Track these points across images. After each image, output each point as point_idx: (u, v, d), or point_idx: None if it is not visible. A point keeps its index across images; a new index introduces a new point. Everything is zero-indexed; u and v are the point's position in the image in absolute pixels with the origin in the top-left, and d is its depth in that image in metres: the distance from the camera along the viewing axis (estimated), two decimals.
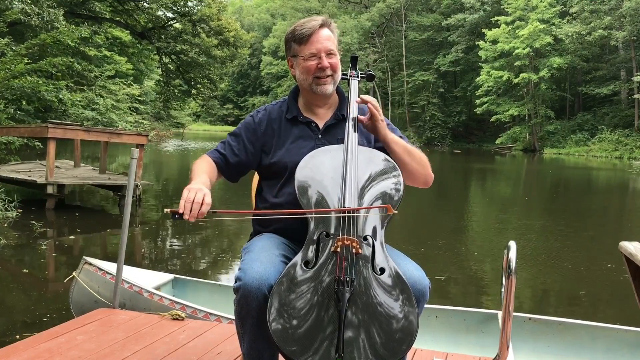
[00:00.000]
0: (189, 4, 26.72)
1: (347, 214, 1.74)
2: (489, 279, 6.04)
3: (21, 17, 15.05)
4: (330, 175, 1.84)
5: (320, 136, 2.02)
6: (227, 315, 2.91)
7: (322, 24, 1.97)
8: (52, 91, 15.35)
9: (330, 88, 2.00)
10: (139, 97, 31.69)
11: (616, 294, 5.66)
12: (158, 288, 3.36)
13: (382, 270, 1.69)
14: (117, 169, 15.40)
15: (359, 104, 2.02)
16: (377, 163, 1.91)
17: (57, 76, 17.90)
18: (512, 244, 2.08)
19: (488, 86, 41.20)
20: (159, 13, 27.48)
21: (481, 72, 41.60)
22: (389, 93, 51.16)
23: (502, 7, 41.37)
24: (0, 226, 7.40)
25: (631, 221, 11.20)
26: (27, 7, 14.58)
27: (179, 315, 2.86)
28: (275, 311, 1.62)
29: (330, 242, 1.71)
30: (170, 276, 3.63)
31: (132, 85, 29.28)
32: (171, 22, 28.42)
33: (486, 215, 11.61)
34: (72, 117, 18.94)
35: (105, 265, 3.29)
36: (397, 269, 1.69)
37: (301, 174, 1.85)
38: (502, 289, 2.11)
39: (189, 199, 1.70)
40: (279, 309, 1.63)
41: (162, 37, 27.30)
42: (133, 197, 5.34)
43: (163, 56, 29.10)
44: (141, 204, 9.87)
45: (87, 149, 18.75)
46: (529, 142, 40.51)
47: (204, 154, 2.08)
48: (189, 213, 1.68)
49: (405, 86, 49.80)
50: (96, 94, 22.92)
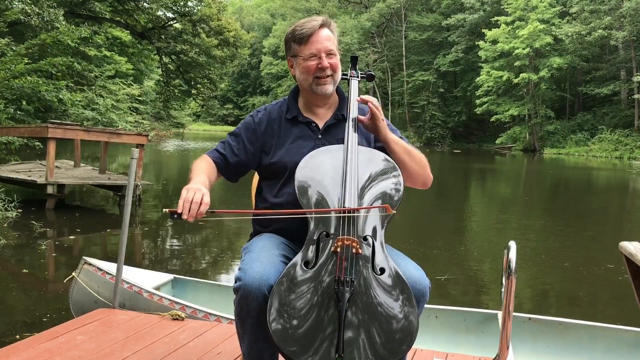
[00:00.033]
0: (189, 4, 26.71)
1: (345, 213, 1.74)
2: (488, 279, 6.04)
3: (21, 17, 15.05)
4: (330, 175, 1.84)
5: (320, 136, 2.02)
6: (226, 316, 2.91)
7: (322, 24, 1.97)
8: (52, 91, 15.34)
9: (330, 88, 2.01)
10: (139, 97, 31.69)
11: (616, 294, 5.66)
12: (158, 288, 3.36)
13: (382, 270, 1.69)
14: (117, 169, 15.40)
15: (359, 104, 2.02)
16: (377, 163, 1.91)
17: (57, 76, 17.90)
18: (512, 244, 2.08)
19: (488, 86, 41.20)
20: (159, 13, 27.47)
21: (481, 72, 41.60)
22: (389, 93, 51.17)
23: (502, 7, 41.37)
24: (0, 226, 7.40)
25: (631, 221, 11.20)
26: (27, 7, 14.57)
27: (178, 316, 2.86)
28: (275, 311, 1.62)
29: (330, 242, 1.71)
30: (170, 276, 3.63)
31: (132, 85, 29.28)
32: (171, 22, 28.41)
33: (486, 215, 11.61)
34: (72, 117, 18.94)
35: (104, 265, 3.29)
36: (397, 269, 1.69)
37: (301, 174, 1.85)
38: (502, 289, 2.11)
39: (188, 198, 1.70)
40: (279, 309, 1.63)
41: (162, 37, 27.30)
42: (133, 197, 5.34)
43: (163, 56, 29.10)
44: (141, 204, 9.87)
45: (87, 149, 18.75)
46: (529, 142, 40.52)
47: (204, 153, 2.08)
48: (188, 213, 1.68)
49: (405, 86, 49.80)
50: (96, 94, 22.92)
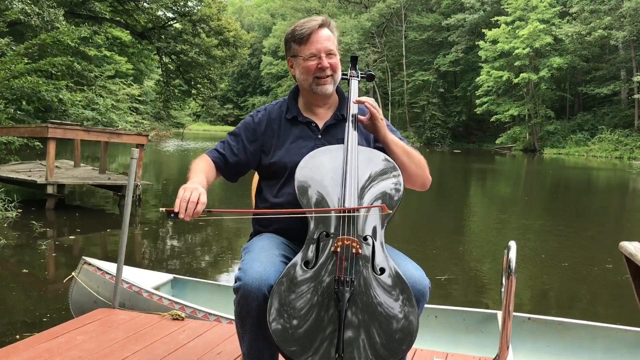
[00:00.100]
0: (189, 4, 26.71)
1: (340, 213, 1.74)
2: (488, 279, 6.04)
3: (21, 17, 15.04)
4: (330, 175, 1.84)
5: (320, 136, 2.02)
6: (226, 315, 2.91)
7: (321, 24, 1.97)
8: (52, 91, 15.34)
9: (330, 88, 2.01)
10: (139, 97, 31.70)
11: (616, 294, 5.66)
12: (157, 288, 3.36)
13: (382, 270, 1.69)
14: (117, 169, 15.40)
15: (359, 104, 2.02)
16: (377, 163, 1.91)
17: (57, 76, 17.90)
18: (512, 244, 2.08)
19: (488, 86, 41.21)
20: (159, 13, 27.47)
21: (481, 72, 41.61)
22: (389, 93, 51.17)
23: (502, 7, 41.38)
24: (0, 226, 7.40)
25: (631, 221, 11.20)
26: (27, 7, 14.57)
27: (178, 315, 2.86)
28: (275, 311, 1.62)
29: (330, 242, 1.71)
30: (170, 276, 3.62)
31: (132, 85, 29.29)
32: (171, 22, 28.41)
33: (486, 215, 11.61)
34: (72, 117, 18.94)
35: (104, 265, 3.29)
36: (397, 269, 1.69)
37: (301, 174, 1.85)
38: (502, 289, 2.11)
39: (185, 198, 1.70)
40: (279, 309, 1.63)
41: (162, 37, 27.29)
42: (133, 197, 5.33)
43: (163, 56, 29.10)
44: (141, 204, 9.87)
45: (87, 149, 18.75)
46: (529, 142, 40.52)
47: (203, 153, 2.09)
48: (184, 212, 1.68)
49: (405, 86, 49.81)
50: (96, 94, 22.92)
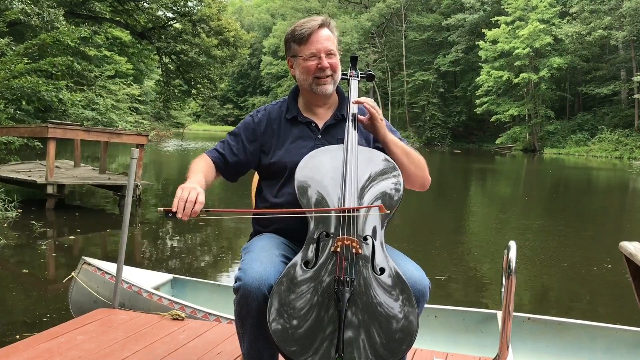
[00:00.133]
0: (189, 4, 26.71)
1: (337, 213, 1.74)
2: (488, 279, 6.04)
3: (21, 17, 15.04)
4: (330, 175, 1.84)
5: (319, 136, 2.02)
6: (226, 315, 2.91)
7: (321, 24, 1.97)
8: (52, 91, 15.34)
9: (330, 88, 2.01)
10: (139, 97, 31.70)
11: (615, 294, 5.66)
12: (157, 288, 3.36)
13: (382, 270, 1.69)
14: (117, 169, 15.40)
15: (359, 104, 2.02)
16: (377, 163, 1.91)
17: (57, 76, 17.89)
18: (512, 244, 2.08)
19: (488, 86, 41.21)
20: (159, 13, 27.47)
21: (481, 72, 41.61)
22: (389, 93, 51.17)
23: (502, 7, 41.38)
24: (0, 226, 7.40)
25: (631, 221, 11.20)
26: (27, 7, 14.56)
27: (178, 315, 2.86)
28: (275, 311, 1.62)
29: (330, 242, 1.71)
30: (170, 276, 3.63)
31: (132, 85, 29.28)
32: (171, 22, 28.42)
33: (486, 215, 11.61)
34: (72, 117, 18.94)
35: (104, 265, 3.29)
36: (397, 269, 1.69)
37: (301, 174, 1.85)
38: (502, 289, 2.11)
39: (183, 197, 1.71)
40: (278, 309, 1.63)
41: (162, 37, 27.29)
42: (133, 197, 5.33)
43: (163, 56, 29.10)
44: (141, 204, 9.87)
45: (87, 149, 18.75)
46: (529, 142, 40.52)
47: (203, 153, 2.09)
48: (182, 212, 1.68)
49: (405, 86, 49.81)
50: (96, 94, 22.92)
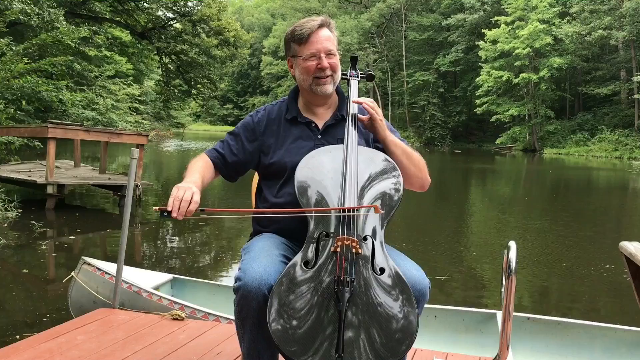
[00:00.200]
0: (189, 4, 26.75)
1: (330, 213, 1.75)
2: (488, 279, 6.04)
3: (21, 17, 15.03)
4: (330, 175, 1.84)
5: (319, 136, 2.02)
6: (226, 316, 2.91)
7: (321, 24, 1.97)
8: (52, 91, 15.34)
9: (330, 88, 2.01)
10: (139, 97, 31.68)
11: (615, 294, 5.66)
12: (157, 288, 3.36)
13: (382, 270, 1.69)
14: (117, 169, 15.40)
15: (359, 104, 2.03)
16: (377, 163, 1.90)
17: (57, 76, 17.89)
18: (512, 244, 2.08)
19: (488, 86, 41.22)
20: (159, 13, 27.50)
21: (481, 72, 41.62)
22: (389, 93, 51.17)
23: (502, 7, 41.39)
24: (0, 226, 7.40)
25: (631, 221, 11.20)
26: (27, 7, 14.55)
27: (178, 315, 2.86)
28: (275, 311, 1.63)
29: (330, 242, 1.71)
30: (169, 276, 3.63)
31: (132, 85, 29.28)
32: (171, 22, 28.43)
33: (486, 215, 11.61)
34: (72, 117, 18.92)
35: (103, 265, 3.29)
36: (397, 269, 1.69)
37: (301, 174, 1.85)
38: (502, 289, 2.11)
39: (178, 197, 1.71)
40: (278, 309, 1.63)
41: (162, 37, 27.31)
42: (133, 197, 5.33)
43: (163, 56, 29.11)
44: (141, 204, 9.86)
45: (87, 149, 18.75)
46: (529, 142, 40.53)
47: (203, 152, 2.09)
48: (178, 211, 1.69)
49: (405, 86, 49.81)
50: (96, 94, 22.90)
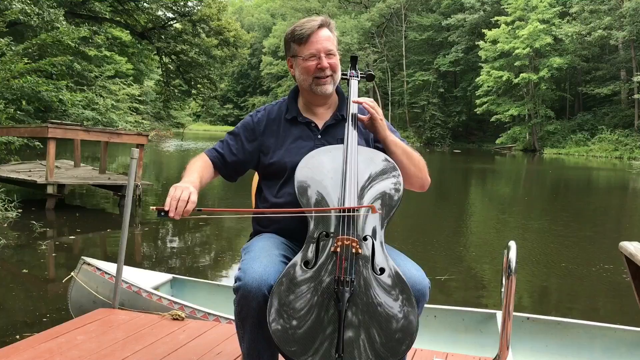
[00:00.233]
0: (189, 4, 26.76)
1: (327, 213, 1.75)
2: (488, 279, 6.04)
3: (21, 17, 15.03)
4: (330, 175, 1.84)
5: (319, 136, 2.02)
6: (225, 315, 2.91)
7: (321, 24, 1.97)
8: (52, 91, 15.34)
9: (330, 88, 2.01)
10: (139, 97, 31.69)
11: (615, 294, 5.66)
12: (157, 288, 3.36)
13: (382, 270, 1.69)
14: (117, 169, 15.40)
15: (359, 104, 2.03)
16: (377, 163, 1.90)
17: (57, 76, 17.89)
18: (512, 244, 2.08)
19: (488, 86, 41.22)
20: (159, 13, 27.49)
21: (481, 72, 41.62)
22: (389, 93, 51.17)
23: (502, 7, 41.39)
24: (0, 226, 7.40)
25: (631, 221, 11.20)
26: (27, 7, 14.55)
27: (179, 315, 2.87)
28: (275, 311, 1.63)
29: (330, 242, 1.71)
30: (169, 276, 3.63)
31: (132, 85, 29.28)
32: (171, 22, 28.43)
33: (486, 215, 11.61)
34: (72, 117, 18.92)
35: (103, 265, 3.29)
36: (397, 269, 1.69)
37: (301, 174, 1.85)
38: (502, 289, 2.11)
39: (175, 197, 1.71)
40: (278, 309, 1.63)
41: (162, 37, 27.31)
42: (133, 197, 5.33)
43: (163, 56, 29.11)
44: (141, 204, 9.86)
45: (87, 149, 18.74)
46: (529, 142, 40.53)
47: (202, 152, 2.09)
48: (175, 211, 1.69)
49: (405, 86, 49.81)
50: (96, 94, 22.90)
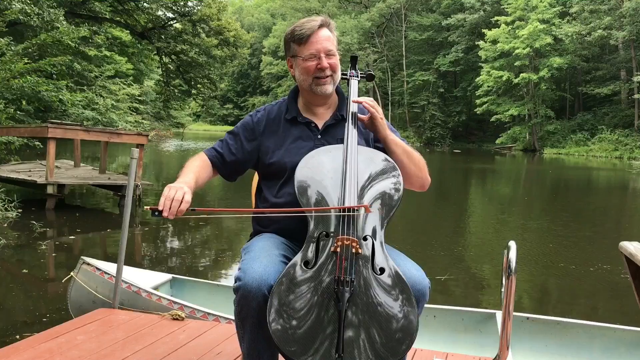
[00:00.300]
0: (189, 4, 26.76)
1: (314, 213, 1.75)
2: (488, 279, 6.04)
3: (21, 17, 15.04)
4: (330, 175, 1.84)
5: (319, 136, 2.02)
6: (225, 315, 2.91)
7: (321, 24, 1.97)
8: (52, 91, 15.34)
9: (329, 88, 2.01)
10: (139, 97, 31.70)
11: (615, 294, 5.66)
12: (156, 288, 3.36)
13: (382, 270, 1.69)
14: (117, 169, 15.40)
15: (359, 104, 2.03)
16: (377, 163, 1.90)
17: (57, 76, 17.89)
18: (512, 244, 2.08)
19: (488, 86, 41.22)
20: (159, 13, 27.50)
21: (481, 72, 41.62)
22: (389, 93, 51.17)
23: (502, 7, 41.39)
24: (0, 226, 7.40)
25: (631, 221, 11.20)
26: (27, 7, 14.55)
27: (178, 315, 2.87)
28: (275, 311, 1.63)
29: (330, 241, 1.71)
30: (169, 276, 3.63)
31: (132, 85, 29.29)
32: (171, 22, 28.43)
33: (486, 215, 11.61)
34: (72, 117, 18.93)
35: (103, 265, 3.29)
36: (397, 269, 1.69)
37: (301, 174, 1.85)
38: (502, 289, 2.11)
39: (169, 196, 1.72)
40: (278, 309, 1.63)
41: (162, 37, 27.32)
42: (133, 197, 5.33)
43: (163, 56, 29.12)
44: (141, 204, 9.86)
45: (87, 149, 18.74)
46: (529, 142, 40.53)
47: (202, 151, 2.09)
48: (168, 210, 1.70)
49: (405, 86, 49.81)
50: (96, 94, 22.91)
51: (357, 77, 2.16)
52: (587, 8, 36.18)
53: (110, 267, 3.22)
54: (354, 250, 1.68)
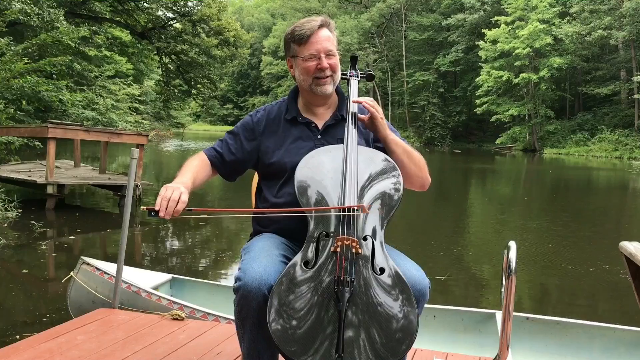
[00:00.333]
0: (189, 4, 26.77)
1: (320, 213, 1.76)
2: (488, 279, 6.04)
3: (21, 17, 15.03)
4: (330, 175, 1.84)
5: (319, 137, 2.02)
6: (225, 315, 2.91)
7: (321, 25, 1.97)
8: (52, 91, 15.34)
9: (329, 88, 2.01)
10: (139, 97, 31.70)
11: (614, 294, 5.66)
12: (156, 288, 3.36)
13: (382, 270, 1.69)
14: (117, 169, 15.40)
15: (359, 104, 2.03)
16: (377, 163, 1.90)
17: (57, 76, 17.89)
18: (512, 244, 2.08)
19: (488, 86, 41.22)
20: (159, 13, 27.50)
21: (481, 72, 41.62)
22: (389, 93, 51.18)
23: (502, 7, 41.39)
24: (0, 226, 7.40)
25: (631, 221, 11.20)
26: (27, 7, 14.55)
27: (178, 315, 2.87)
28: (275, 311, 1.63)
29: (330, 241, 1.71)
30: (168, 276, 3.63)
31: (132, 85, 29.29)
32: (171, 22, 28.44)
33: (486, 215, 11.61)
34: (72, 117, 18.93)
35: (102, 265, 3.29)
36: (397, 269, 1.70)
37: (301, 174, 1.85)
38: (502, 289, 2.11)
39: (166, 197, 1.72)
40: (278, 309, 1.63)
41: (162, 37, 27.32)
42: (133, 197, 5.34)
43: (163, 56, 29.12)
44: (141, 204, 9.86)
45: (87, 149, 18.73)
46: (529, 142, 40.53)
47: (201, 151, 2.09)
48: (165, 210, 1.70)
49: (405, 86, 49.82)
50: (96, 94, 22.91)
51: (357, 77, 2.16)
52: (587, 8, 36.18)
53: (110, 267, 3.22)
54: (354, 250, 1.68)
